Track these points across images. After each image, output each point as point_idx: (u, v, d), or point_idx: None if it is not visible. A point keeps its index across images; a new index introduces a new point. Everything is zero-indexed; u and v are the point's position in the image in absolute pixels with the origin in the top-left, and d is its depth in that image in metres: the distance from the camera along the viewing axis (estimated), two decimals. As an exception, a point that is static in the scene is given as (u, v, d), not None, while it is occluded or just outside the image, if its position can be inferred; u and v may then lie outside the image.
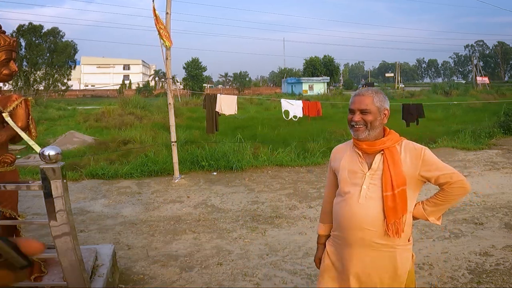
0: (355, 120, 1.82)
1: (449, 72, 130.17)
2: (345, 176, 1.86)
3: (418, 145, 1.84)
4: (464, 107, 19.62)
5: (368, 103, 1.81)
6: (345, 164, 1.90)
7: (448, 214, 4.83)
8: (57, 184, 1.98)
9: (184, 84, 54.31)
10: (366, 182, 1.80)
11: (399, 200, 1.75)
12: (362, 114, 1.80)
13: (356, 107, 1.83)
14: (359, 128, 1.81)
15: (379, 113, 1.82)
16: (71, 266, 2.09)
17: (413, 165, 1.78)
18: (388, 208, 1.74)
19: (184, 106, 23.63)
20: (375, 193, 1.78)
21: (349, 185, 1.84)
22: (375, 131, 1.82)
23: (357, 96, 1.86)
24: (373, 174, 1.80)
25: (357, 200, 1.79)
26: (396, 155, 1.79)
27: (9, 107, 2.51)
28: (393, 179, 1.74)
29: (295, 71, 79.52)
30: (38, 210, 5.25)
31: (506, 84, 61.34)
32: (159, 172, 7.27)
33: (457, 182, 1.79)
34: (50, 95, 37.54)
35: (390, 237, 1.75)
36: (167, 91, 7.19)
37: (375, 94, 1.84)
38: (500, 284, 3.17)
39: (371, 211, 1.76)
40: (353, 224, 1.79)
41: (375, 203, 1.77)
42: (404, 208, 1.76)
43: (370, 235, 1.77)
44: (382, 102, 1.83)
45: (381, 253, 1.78)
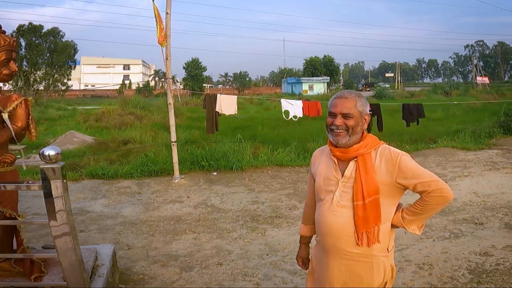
0: (336, 124, 1.72)
1: (449, 72, 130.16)
2: (321, 182, 1.81)
3: (395, 151, 1.73)
4: (464, 107, 19.63)
5: (351, 107, 1.72)
6: (321, 170, 1.84)
7: (448, 214, 4.83)
8: (57, 184, 1.98)
9: (184, 84, 54.33)
10: (339, 190, 1.74)
11: (370, 210, 1.67)
12: (344, 118, 1.72)
13: (338, 110, 1.73)
14: (340, 133, 1.72)
15: (361, 118, 1.74)
16: (71, 266, 2.09)
17: (388, 172, 1.69)
18: (358, 217, 1.68)
19: (184, 106, 23.65)
20: (347, 202, 1.71)
21: (324, 192, 1.79)
22: (356, 136, 1.74)
23: (339, 98, 1.76)
24: (346, 182, 1.73)
25: (329, 207, 1.74)
26: (369, 163, 1.70)
27: (9, 107, 2.51)
28: (364, 188, 1.67)
29: (295, 71, 79.57)
30: (38, 210, 5.25)
31: (506, 84, 61.38)
32: (159, 172, 7.27)
33: (436, 190, 1.68)
34: (50, 95, 37.55)
35: (360, 247, 1.69)
36: (167, 91, 7.19)
37: (358, 98, 1.75)
38: (500, 284, 3.17)
39: (342, 220, 1.71)
40: (326, 231, 1.76)
41: (346, 211, 1.71)
42: (377, 218, 1.69)
43: (342, 244, 1.72)
44: (364, 107, 1.76)
45: (356, 262, 1.72)
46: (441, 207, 1.76)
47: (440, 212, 4.91)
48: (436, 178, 1.70)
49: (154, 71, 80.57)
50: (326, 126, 1.79)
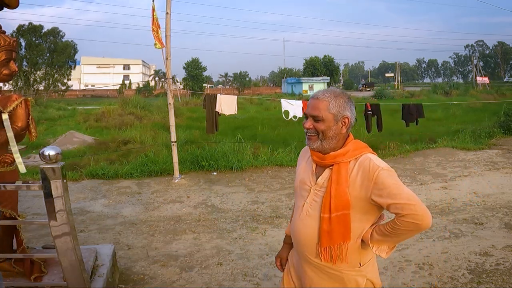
0: (305, 127, 1.60)
1: (449, 72, 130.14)
2: (297, 185, 1.72)
3: (375, 164, 1.52)
4: (464, 107, 19.63)
5: (322, 109, 1.56)
6: (300, 171, 1.73)
7: (448, 214, 4.83)
8: (57, 184, 1.98)
9: (184, 84, 54.34)
10: (310, 198, 1.62)
11: (336, 225, 1.53)
12: (315, 121, 1.57)
13: (308, 112, 1.59)
14: (311, 137, 1.59)
15: (335, 121, 1.56)
16: (71, 266, 2.09)
17: (364, 186, 1.52)
18: (323, 231, 1.55)
19: (184, 106, 23.65)
20: (315, 212, 1.59)
21: (298, 197, 1.70)
22: (330, 142, 1.57)
23: (312, 99, 1.61)
24: (317, 191, 1.61)
25: (299, 214, 1.65)
26: (344, 174, 1.54)
27: (9, 107, 2.51)
28: (332, 201, 1.52)
29: (295, 71, 79.61)
30: (38, 210, 5.25)
31: (506, 84, 61.40)
32: (159, 172, 7.27)
33: (409, 215, 1.44)
34: (50, 95, 37.56)
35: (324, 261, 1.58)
36: (167, 91, 7.19)
37: (334, 99, 1.57)
38: (500, 284, 3.17)
39: (307, 230, 1.61)
40: (296, 238, 1.68)
41: (313, 222, 1.60)
42: (344, 235, 1.54)
43: (308, 253, 1.64)
44: (341, 108, 1.57)
45: (327, 273, 1.62)
46: (413, 234, 1.53)
47: (440, 212, 4.91)
48: (413, 201, 1.46)
49: (154, 71, 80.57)
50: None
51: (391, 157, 8.36)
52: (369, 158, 1.56)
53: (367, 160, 1.55)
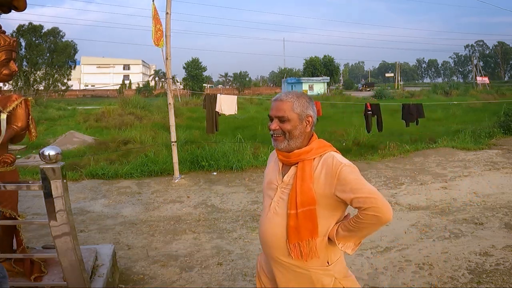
0: (271, 128, 1.64)
1: (449, 72, 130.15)
2: (265, 185, 1.76)
3: (338, 161, 1.59)
4: (464, 107, 19.64)
5: (287, 109, 1.61)
6: (268, 172, 1.77)
7: (448, 214, 4.83)
8: (57, 184, 1.98)
9: (184, 84, 54.34)
10: (277, 196, 1.66)
11: (303, 221, 1.56)
12: (280, 122, 1.62)
13: (273, 113, 1.64)
14: (278, 138, 1.64)
15: (299, 120, 1.62)
16: (71, 266, 2.10)
17: (327, 183, 1.57)
18: (290, 227, 1.58)
19: (184, 106, 23.66)
20: (282, 210, 1.63)
21: (265, 196, 1.73)
22: (296, 141, 1.63)
23: (275, 101, 1.65)
24: (284, 188, 1.65)
25: (266, 213, 1.68)
26: (308, 171, 1.59)
27: (9, 107, 2.51)
28: (298, 197, 1.57)
29: (295, 71, 79.59)
30: (38, 210, 5.25)
31: (506, 84, 61.38)
32: (159, 172, 7.27)
33: (371, 208, 1.50)
34: (50, 95, 37.56)
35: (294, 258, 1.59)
36: (167, 91, 7.19)
37: (296, 99, 1.63)
38: (500, 284, 3.17)
39: (275, 228, 1.63)
40: (264, 238, 1.69)
41: (280, 220, 1.62)
42: (312, 231, 1.57)
43: (276, 252, 1.65)
44: (304, 108, 1.63)
45: (295, 273, 1.63)
46: (376, 227, 1.58)
47: (440, 212, 4.91)
48: (375, 195, 1.53)
49: (154, 71, 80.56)
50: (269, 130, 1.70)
51: (391, 157, 8.35)
52: (333, 155, 1.62)
53: (330, 157, 1.61)
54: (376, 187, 5.57)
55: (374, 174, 6.95)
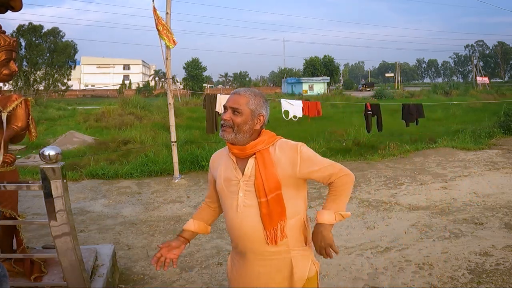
0: (223, 118, 1.69)
1: (449, 72, 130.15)
2: (221, 185, 1.75)
3: (293, 142, 1.72)
4: (464, 107, 19.64)
5: (242, 103, 1.67)
6: (221, 171, 1.77)
7: (448, 214, 4.83)
8: (57, 184, 1.98)
9: (184, 84, 54.34)
10: (242, 190, 1.68)
11: (273, 207, 1.64)
12: (233, 114, 1.67)
13: (229, 104, 1.69)
14: (226, 129, 1.68)
15: (251, 116, 1.68)
16: (71, 266, 2.09)
17: (290, 164, 1.66)
18: (264, 215, 1.64)
19: (184, 106, 23.65)
20: (252, 201, 1.67)
21: (227, 194, 1.73)
22: (243, 136, 1.68)
23: (233, 94, 1.73)
24: (247, 181, 1.68)
25: (236, 209, 1.69)
26: (268, 158, 1.67)
27: (9, 107, 2.51)
28: (265, 184, 1.63)
29: (295, 71, 79.62)
30: (38, 210, 5.25)
31: (506, 84, 61.40)
32: (159, 172, 7.27)
33: (339, 171, 1.68)
34: (50, 95, 37.56)
35: (271, 244, 1.65)
36: (167, 91, 7.19)
37: (253, 97, 1.70)
38: (500, 284, 3.17)
39: (250, 220, 1.66)
40: (237, 234, 1.70)
41: (253, 211, 1.66)
42: (281, 214, 1.65)
43: (256, 244, 1.67)
44: (259, 106, 1.70)
45: (275, 261, 1.68)
46: (351, 185, 1.74)
47: (440, 212, 4.91)
48: (333, 162, 1.72)
49: (154, 71, 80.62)
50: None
51: (391, 157, 8.35)
52: (285, 140, 1.74)
53: (284, 142, 1.72)
54: (376, 187, 5.60)
55: (374, 174, 6.95)
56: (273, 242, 1.65)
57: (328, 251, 1.66)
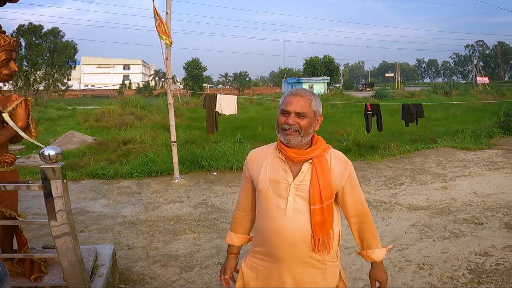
0: (289, 123, 1.61)
1: (449, 72, 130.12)
2: (266, 186, 1.66)
3: (346, 157, 1.74)
4: (464, 107, 19.64)
5: (306, 105, 1.62)
6: (265, 172, 1.68)
7: (448, 214, 4.83)
8: (57, 184, 1.98)
9: (184, 84, 54.35)
10: (292, 194, 1.62)
11: (327, 215, 1.62)
12: (298, 117, 1.61)
13: (292, 109, 1.61)
14: (292, 133, 1.61)
15: (314, 118, 1.66)
16: (71, 266, 2.09)
17: (340, 176, 1.67)
18: (316, 223, 1.60)
19: (184, 106, 23.67)
20: (302, 206, 1.62)
21: (273, 197, 1.65)
22: (308, 137, 1.65)
23: (294, 96, 1.65)
24: (299, 185, 1.63)
25: (284, 213, 1.62)
26: (326, 165, 1.64)
27: (9, 107, 2.51)
28: (322, 191, 1.60)
29: (295, 71, 79.60)
30: (38, 210, 5.25)
31: (506, 84, 61.37)
32: (159, 172, 7.27)
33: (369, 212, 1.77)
34: (50, 95, 37.56)
35: (318, 253, 1.63)
36: (167, 91, 7.18)
37: (313, 97, 1.66)
38: (500, 284, 3.17)
39: (300, 226, 1.61)
40: (282, 239, 1.63)
41: (303, 217, 1.61)
42: (331, 223, 1.64)
43: (301, 251, 1.63)
44: (318, 107, 1.68)
45: (313, 269, 1.66)
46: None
47: (440, 212, 4.91)
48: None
49: (154, 71, 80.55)
50: (277, 125, 1.67)
51: (391, 157, 8.35)
52: (337, 151, 1.75)
53: (337, 153, 1.73)
54: (376, 187, 5.61)
55: (374, 174, 6.95)
56: (321, 250, 1.63)
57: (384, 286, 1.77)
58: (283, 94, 1.72)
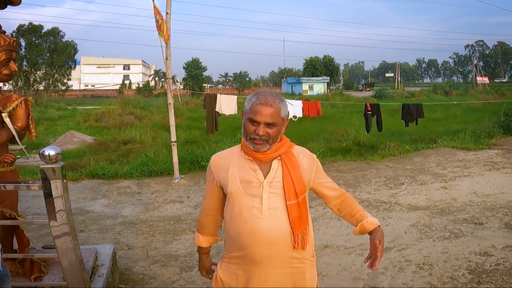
0: (259, 134, 1.57)
1: (449, 72, 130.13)
2: (238, 187, 1.63)
3: (308, 151, 1.76)
4: (464, 107, 19.65)
5: (276, 115, 1.59)
6: (234, 174, 1.66)
7: (448, 214, 4.83)
8: (57, 184, 1.98)
9: (184, 84, 54.37)
10: (266, 192, 1.60)
11: (303, 209, 1.63)
12: (267, 127, 1.58)
13: (262, 119, 1.57)
14: (262, 142, 1.59)
15: (282, 124, 1.64)
16: (71, 266, 2.09)
17: (309, 170, 1.68)
18: (294, 218, 1.59)
19: (184, 106, 23.67)
20: (278, 203, 1.60)
21: (246, 197, 1.61)
22: (276, 143, 1.64)
23: (263, 106, 1.58)
24: (271, 182, 1.61)
25: (259, 213, 1.59)
26: (295, 160, 1.66)
27: (9, 107, 2.51)
28: (296, 186, 1.61)
29: (295, 71, 79.63)
30: (38, 210, 5.25)
31: (506, 84, 61.38)
32: (159, 172, 7.27)
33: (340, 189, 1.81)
34: (50, 95, 37.55)
35: (297, 250, 1.61)
36: (167, 91, 7.19)
37: (281, 103, 1.62)
38: (500, 284, 3.17)
39: (278, 223, 1.59)
40: (259, 239, 1.59)
41: (280, 214, 1.60)
42: (307, 217, 1.65)
43: (279, 250, 1.60)
44: (286, 111, 1.66)
45: (293, 269, 1.64)
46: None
47: (440, 212, 4.91)
48: None
49: (154, 71, 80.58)
50: (245, 133, 1.62)
51: (391, 157, 8.35)
52: (302, 147, 1.77)
53: (302, 149, 1.75)
54: (376, 187, 5.62)
55: (374, 174, 6.95)
56: (301, 247, 1.62)
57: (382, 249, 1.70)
58: (249, 97, 1.66)
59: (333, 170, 7.24)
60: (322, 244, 4.00)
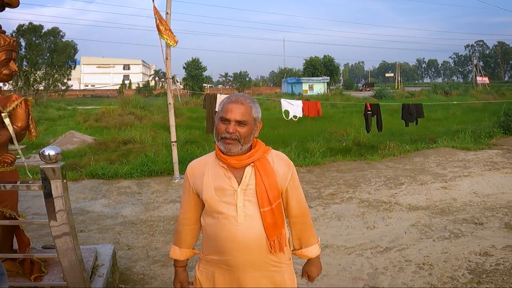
0: (229, 131, 1.57)
1: (449, 72, 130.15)
2: (212, 194, 1.63)
3: (287, 158, 1.74)
4: (464, 107, 19.64)
5: (247, 113, 1.59)
6: (209, 181, 1.65)
7: (448, 214, 4.83)
8: (57, 184, 1.98)
9: (184, 84, 54.37)
10: (240, 200, 1.60)
11: (278, 215, 1.62)
12: (238, 125, 1.58)
13: (233, 117, 1.57)
14: (232, 142, 1.58)
15: (254, 125, 1.63)
16: (71, 266, 2.09)
17: (284, 176, 1.67)
18: (268, 224, 1.60)
19: (184, 106, 23.67)
20: (253, 211, 1.61)
21: (221, 204, 1.62)
22: (248, 145, 1.62)
23: (234, 103, 1.60)
24: (245, 190, 1.61)
25: (235, 220, 1.59)
26: (269, 167, 1.63)
27: (9, 107, 2.51)
28: (269, 192, 1.60)
29: (295, 71, 79.65)
30: (38, 210, 5.25)
31: (506, 84, 61.40)
32: (159, 172, 7.27)
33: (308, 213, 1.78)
34: (50, 95, 37.56)
35: (275, 254, 1.63)
36: (167, 91, 7.19)
37: (253, 104, 1.63)
38: (500, 284, 3.17)
39: (253, 231, 1.60)
40: (236, 246, 1.60)
41: (255, 221, 1.60)
42: (283, 222, 1.65)
43: (257, 255, 1.62)
44: (258, 114, 1.65)
45: (271, 272, 1.65)
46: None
47: (440, 212, 4.91)
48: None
49: (154, 71, 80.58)
50: (216, 134, 1.62)
51: (391, 157, 8.35)
52: (278, 152, 1.74)
53: (278, 153, 1.73)
54: (376, 187, 5.60)
55: (374, 174, 6.95)
56: (278, 250, 1.64)
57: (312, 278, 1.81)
58: (222, 100, 1.68)
59: (333, 170, 7.24)
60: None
